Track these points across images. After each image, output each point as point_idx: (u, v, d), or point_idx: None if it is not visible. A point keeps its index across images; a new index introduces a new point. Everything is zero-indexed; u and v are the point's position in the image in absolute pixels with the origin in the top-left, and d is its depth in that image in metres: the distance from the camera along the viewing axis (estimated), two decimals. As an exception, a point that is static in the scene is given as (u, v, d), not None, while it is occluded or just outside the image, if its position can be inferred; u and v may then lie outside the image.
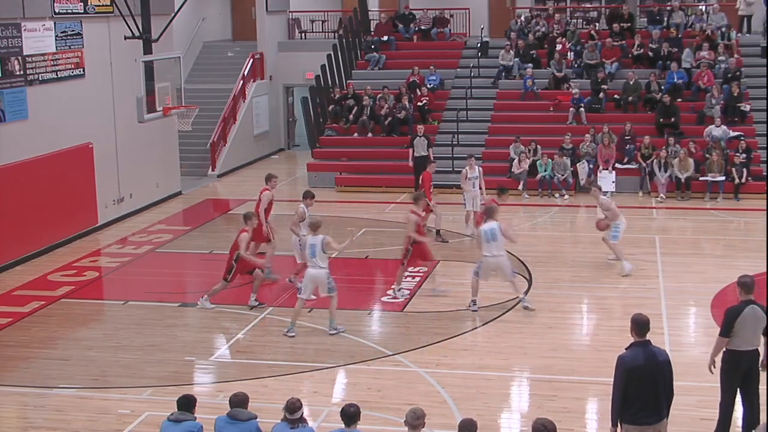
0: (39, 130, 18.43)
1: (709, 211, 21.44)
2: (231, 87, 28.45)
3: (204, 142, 26.88)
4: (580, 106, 24.99)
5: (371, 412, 10.49)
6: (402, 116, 25.33)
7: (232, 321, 14.37)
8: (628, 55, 26.71)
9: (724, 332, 9.42)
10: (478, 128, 25.45)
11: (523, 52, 27.30)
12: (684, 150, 22.61)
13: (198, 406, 8.48)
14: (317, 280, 13.47)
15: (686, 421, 10.35)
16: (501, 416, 11.03)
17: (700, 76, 25.12)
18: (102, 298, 16.20)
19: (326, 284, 13.47)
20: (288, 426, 7.98)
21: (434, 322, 14.00)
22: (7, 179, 17.45)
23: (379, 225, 20.54)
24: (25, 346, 13.49)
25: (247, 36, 32.27)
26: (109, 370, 12.49)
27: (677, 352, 12.40)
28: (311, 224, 13.78)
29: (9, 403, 11.58)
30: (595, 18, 31.15)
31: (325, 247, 13.37)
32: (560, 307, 14.61)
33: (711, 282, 15.67)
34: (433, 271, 16.02)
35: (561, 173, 23.00)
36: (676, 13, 27.92)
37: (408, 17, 30.18)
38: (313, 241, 13.37)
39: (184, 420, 8.15)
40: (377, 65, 28.58)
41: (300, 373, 12.15)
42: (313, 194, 15.90)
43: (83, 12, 19.70)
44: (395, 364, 12.48)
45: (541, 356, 12.66)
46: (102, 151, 20.50)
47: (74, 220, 19.52)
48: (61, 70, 19.10)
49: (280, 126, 31.63)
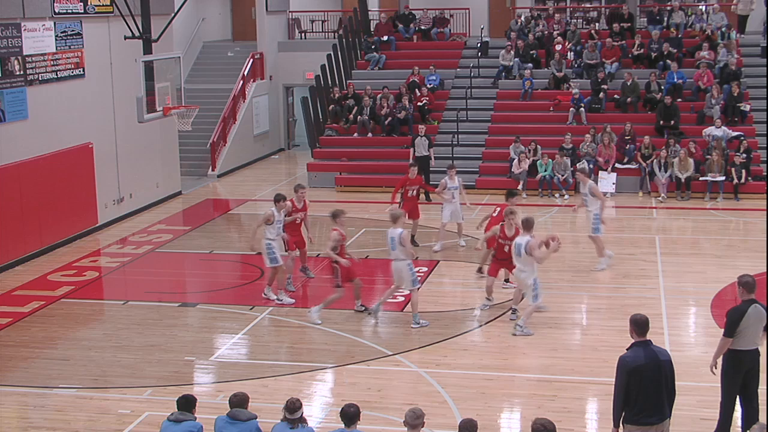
0: (39, 130, 18.43)
1: (709, 211, 21.44)
2: (231, 87, 28.45)
3: (204, 142, 26.88)
4: (580, 106, 24.99)
5: (371, 412, 10.49)
6: (402, 116, 25.34)
7: (232, 321, 14.36)
8: (628, 55, 26.72)
9: (728, 333, 9.40)
10: (478, 128, 25.45)
11: (523, 52, 27.31)
12: (684, 150, 22.61)
13: (198, 406, 8.49)
14: (400, 273, 13.69)
15: (686, 421, 10.34)
16: (501, 416, 11.03)
17: (699, 76, 25.13)
18: (102, 298, 16.19)
19: (410, 277, 13.65)
20: (288, 426, 7.99)
21: (434, 322, 14.00)
22: (7, 179, 17.45)
23: (379, 225, 20.52)
24: (25, 346, 13.49)
25: (247, 36, 32.29)
26: (109, 370, 12.49)
27: (677, 352, 12.40)
28: (392, 216, 13.96)
29: (9, 403, 11.58)
30: (595, 18, 31.16)
31: (402, 240, 13.55)
32: (560, 307, 14.60)
33: (711, 282, 15.68)
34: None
35: (561, 173, 23.01)
36: (676, 13, 27.92)
37: (408, 17, 30.19)
38: (392, 234, 13.66)
39: (184, 420, 8.16)
40: (377, 65, 28.59)
41: (300, 373, 12.15)
42: (285, 197, 15.14)
43: (83, 12, 19.70)
44: (395, 364, 12.48)
45: (541, 356, 12.66)
46: (102, 151, 20.50)
47: (74, 220, 19.52)
48: (61, 70, 19.10)
49: (280, 126, 31.64)
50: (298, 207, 15.59)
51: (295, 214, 15.54)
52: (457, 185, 17.94)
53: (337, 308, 14.75)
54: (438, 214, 18.41)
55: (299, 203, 15.62)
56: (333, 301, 14.18)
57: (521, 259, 13.22)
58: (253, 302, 15.11)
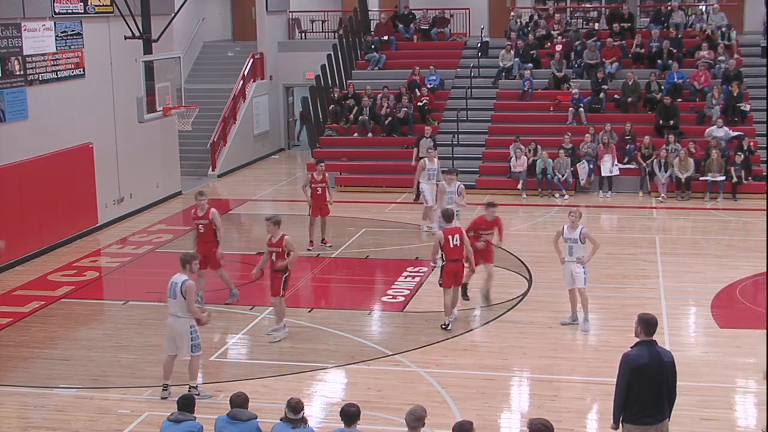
0: (39, 130, 18.43)
1: (709, 211, 21.44)
2: (231, 87, 28.44)
3: (204, 142, 26.88)
4: (580, 106, 24.98)
5: (371, 412, 10.48)
6: (402, 116, 25.34)
7: (232, 321, 14.36)
8: (629, 55, 26.71)
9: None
10: (478, 128, 25.44)
11: (523, 52, 27.31)
12: (684, 150, 22.60)
13: (198, 406, 8.49)
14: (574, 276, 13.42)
15: (687, 421, 10.34)
16: (501, 416, 11.03)
17: (697, 76, 25.12)
18: (102, 298, 16.20)
19: (582, 275, 13.44)
20: (289, 426, 7.98)
21: (434, 322, 13.99)
22: (7, 179, 17.45)
23: (379, 225, 20.54)
24: (25, 346, 13.49)
25: (247, 36, 32.28)
26: (109, 370, 12.49)
27: (677, 352, 12.31)
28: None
29: (9, 403, 11.57)
30: (595, 18, 31.15)
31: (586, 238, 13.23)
32: (560, 307, 14.58)
33: (711, 282, 15.68)
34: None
35: (561, 173, 23.00)
36: (676, 13, 27.91)
37: (408, 17, 30.18)
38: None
39: (184, 420, 8.16)
40: (377, 65, 28.58)
41: (300, 373, 12.15)
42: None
43: (83, 12, 19.70)
44: (395, 364, 12.47)
45: (541, 356, 12.66)
46: (102, 151, 20.50)
47: (74, 220, 19.51)
48: (61, 70, 19.10)
49: (280, 126, 31.64)
50: (318, 179, 17.94)
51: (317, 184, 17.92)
52: (436, 168, 17.64)
53: (338, 308, 14.78)
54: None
55: (319, 176, 17.96)
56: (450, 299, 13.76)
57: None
58: (253, 302, 15.10)
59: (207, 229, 14.84)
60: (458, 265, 13.48)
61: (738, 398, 11.44)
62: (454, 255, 13.39)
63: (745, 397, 11.45)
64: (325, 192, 18.09)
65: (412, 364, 12.39)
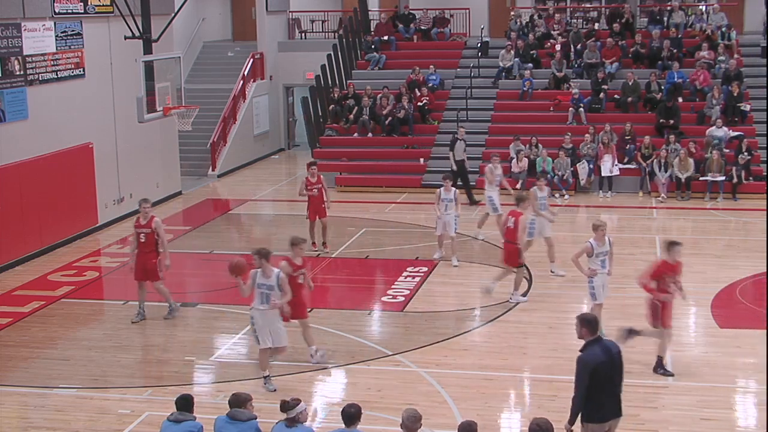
0: (39, 130, 18.43)
1: (709, 211, 21.44)
2: (231, 87, 28.45)
3: (204, 142, 26.88)
4: (580, 106, 24.99)
5: (371, 412, 10.48)
6: (402, 116, 25.34)
7: (232, 321, 14.36)
8: (628, 55, 26.71)
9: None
10: (478, 128, 25.42)
11: (523, 52, 27.30)
12: (684, 150, 22.61)
13: (198, 406, 8.49)
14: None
15: (686, 421, 10.34)
16: (501, 416, 11.03)
17: (696, 76, 25.12)
18: (102, 298, 16.20)
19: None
20: (287, 426, 7.98)
21: (434, 322, 14.00)
22: (7, 179, 17.45)
23: (379, 225, 20.54)
24: (25, 346, 13.49)
25: (247, 36, 32.28)
26: (109, 370, 12.49)
27: (677, 352, 12.42)
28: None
29: (9, 403, 11.57)
30: (595, 18, 31.15)
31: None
32: (560, 307, 14.60)
33: (711, 282, 15.67)
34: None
35: (561, 172, 23.00)
36: (676, 13, 27.91)
37: (408, 17, 30.18)
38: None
39: (184, 420, 8.15)
40: (377, 65, 28.58)
41: (300, 373, 12.14)
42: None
43: (83, 12, 19.69)
44: (395, 364, 12.47)
45: (541, 356, 12.66)
46: (102, 151, 20.50)
47: (74, 220, 19.51)
48: (61, 70, 19.10)
49: (280, 126, 31.64)
50: (312, 181, 17.95)
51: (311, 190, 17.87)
52: (452, 197, 17.12)
53: (338, 308, 14.77)
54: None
55: (313, 178, 17.99)
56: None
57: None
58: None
59: (148, 239, 14.15)
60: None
61: (738, 398, 11.45)
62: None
63: (745, 397, 11.46)
64: (321, 193, 17.90)
65: (412, 364, 12.39)
